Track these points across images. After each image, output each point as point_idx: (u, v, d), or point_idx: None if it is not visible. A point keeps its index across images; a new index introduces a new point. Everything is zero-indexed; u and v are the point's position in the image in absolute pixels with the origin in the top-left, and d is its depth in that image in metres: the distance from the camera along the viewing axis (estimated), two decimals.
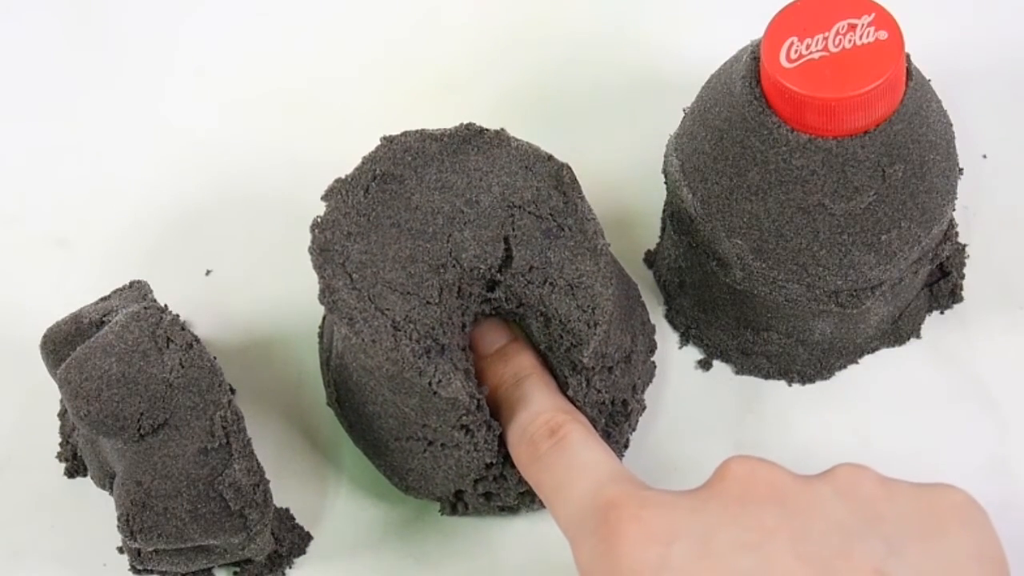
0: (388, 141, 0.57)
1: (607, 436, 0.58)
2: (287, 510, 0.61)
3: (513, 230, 0.56)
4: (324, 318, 0.62)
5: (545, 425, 0.54)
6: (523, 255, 0.55)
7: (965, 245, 0.63)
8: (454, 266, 0.55)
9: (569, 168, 0.57)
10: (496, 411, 0.57)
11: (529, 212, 0.56)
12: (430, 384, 0.53)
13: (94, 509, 0.61)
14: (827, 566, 0.46)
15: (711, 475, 0.50)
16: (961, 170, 0.58)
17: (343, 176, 0.57)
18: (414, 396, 0.55)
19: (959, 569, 0.47)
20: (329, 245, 0.55)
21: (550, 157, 0.57)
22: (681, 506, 0.49)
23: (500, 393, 0.57)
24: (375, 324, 0.54)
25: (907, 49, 0.53)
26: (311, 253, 0.55)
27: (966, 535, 0.48)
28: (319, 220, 0.56)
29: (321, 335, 0.62)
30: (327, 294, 0.55)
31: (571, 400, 0.57)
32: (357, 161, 0.57)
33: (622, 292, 0.59)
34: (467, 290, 0.56)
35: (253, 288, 0.67)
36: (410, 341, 0.54)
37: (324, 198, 0.56)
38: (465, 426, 0.56)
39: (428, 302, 0.54)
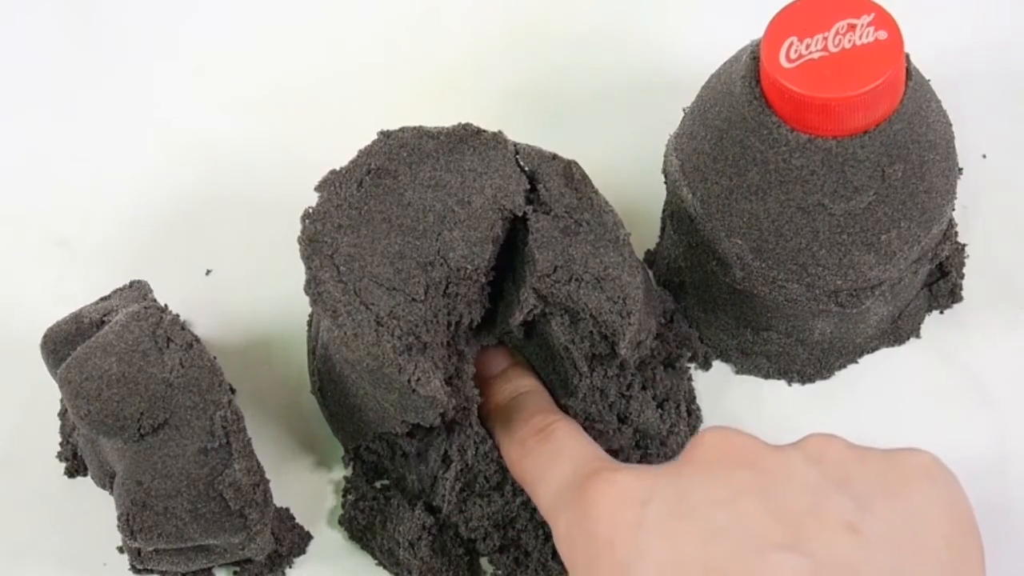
0: (385, 136, 0.57)
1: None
2: (287, 510, 0.61)
3: (531, 234, 0.56)
4: None
5: (535, 426, 0.56)
6: (546, 257, 0.55)
7: (965, 245, 0.63)
8: (441, 265, 0.55)
9: (577, 164, 0.57)
10: (495, 427, 0.58)
11: (543, 212, 0.56)
12: (409, 381, 0.54)
13: (94, 509, 0.61)
14: (798, 523, 0.47)
15: (685, 448, 0.51)
16: (961, 170, 0.58)
17: (338, 168, 0.57)
18: (393, 392, 0.55)
19: (926, 522, 0.48)
20: (318, 236, 0.55)
21: (555, 156, 0.57)
22: (655, 472, 0.50)
23: (500, 408, 0.58)
24: (358, 318, 0.54)
25: (907, 49, 0.53)
26: (300, 243, 0.55)
27: (933, 491, 0.49)
28: (310, 211, 0.56)
29: (310, 324, 0.62)
30: (313, 285, 0.55)
31: (581, 402, 0.58)
32: None
33: (643, 276, 0.59)
34: (454, 290, 0.56)
35: (253, 288, 0.67)
36: (392, 337, 0.54)
37: (317, 189, 0.56)
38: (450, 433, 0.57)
39: (413, 299, 0.54)
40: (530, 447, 0.55)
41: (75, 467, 0.63)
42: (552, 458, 0.53)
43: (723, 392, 0.63)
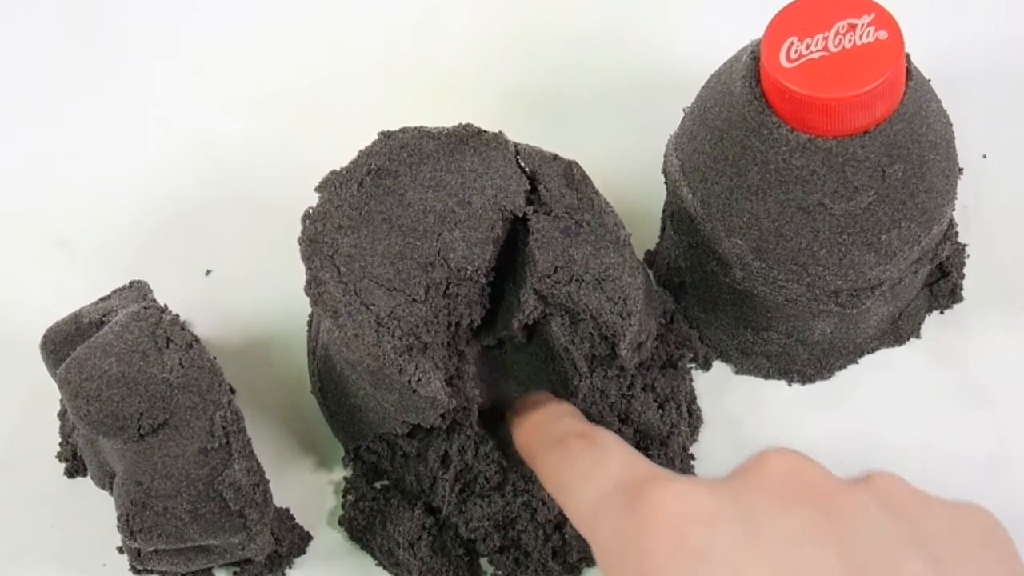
0: (385, 136, 0.57)
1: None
2: (287, 510, 0.61)
3: (532, 234, 0.56)
4: None
5: (578, 430, 0.53)
6: (546, 257, 0.55)
7: (965, 245, 0.63)
8: (442, 265, 0.55)
9: (578, 164, 0.57)
10: (528, 442, 0.56)
11: (544, 213, 0.56)
12: (409, 382, 0.54)
13: (94, 509, 0.61)
14: None
15: (746, 464, 0.48)
16: (961, 170, 0.58)
17: (338, 168, 0.57)
18: (394, 392, 0.55)
19: None
20: (319, 237, 0.55)
21: (556, 156, 0.57)
22: (720, 490, 0.46)
23: (536, 427, 0.55)
24: (359, 319, 0.54)
25: (907, 49, 0.53)
26: (300, 244, 0.55)
27: (995, 557, 0.48)
28: (310, 211, 0.56)
29: (310, 324, 0.62)
30: (313, 286, 0.55)
31: (581, 402, 0.58)
32: None
33: (644, 277, 0.59)
34: (454, 290, 0.56)
35: (253, 288, 0.67)
36: (392, 338, 0.54)
37: (318, 189, 0.56)
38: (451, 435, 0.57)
39: (414, 299, 0.54)
40: (572, 448, 0.51)
41: (75, 467, 0.63)
42: (597, 461, 0.50)
43: (723, 392, 0.63)
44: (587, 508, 0.48)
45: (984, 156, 0.67)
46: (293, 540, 0.60)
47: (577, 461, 0.50)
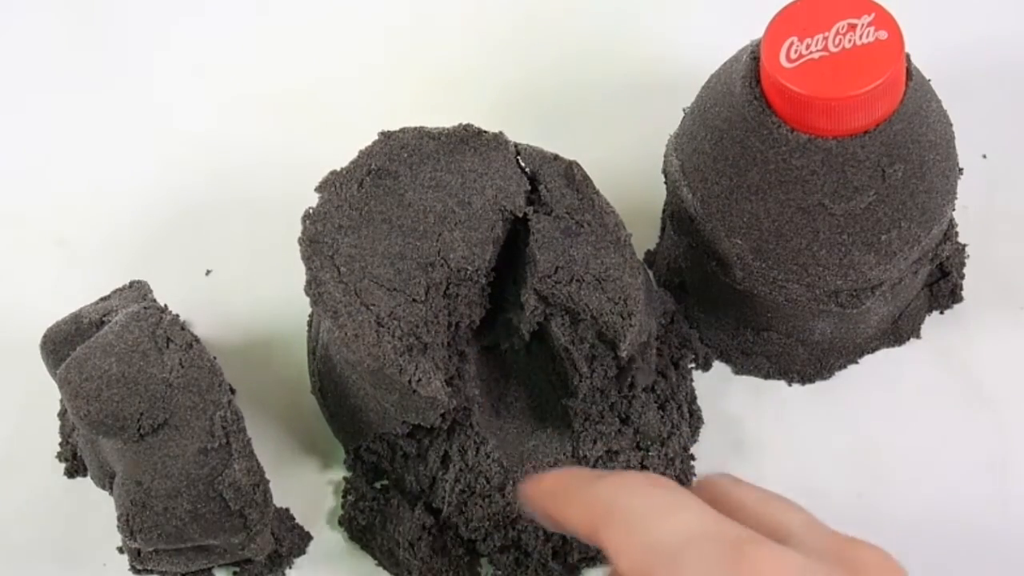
0: (385, 137, 0.57)
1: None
2: (287, 510, 0.61)
3: (532, 235, 0.56)
4: None
5: (636, 472, 0.50)
6: (547, 257, 0.55)
7: (965, 245, 0.63)
8: (442, 265, 0.55)
9: (578, 164, 0.57)
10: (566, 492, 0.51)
11: (544, 213, 0.56)
12: (409, 382, 0.54)
13: (94, 509, 0.61)
14: None
15: (838, 548, 0.46)
16: (961, 170, 0.58)
17: (338, 168, 0.57)
18: (394, 393, 0.55)
19: None
20: (319, 237, 0.55)
21: (556, 156, 0.57)
22: (816, 571, 0.46)
23: (568, 475, 0.52)
24: (359, 319, 0.54)
25: (907, 49, 0.53)
26: (300, 244, 0.55)
27: None
28: (311, 211, 0.56)
29: (310, 324, 0.62)
30: (313, 286, 0.55)
31: (581, 402, 0.57)
32: None
33: (644, 277, 0.59)
34: (454, 291, 0.56)
35: (253, 288, 0.67)
36: (392, 338, 0.54)
37: (318, 189, 0.56)
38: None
39: (414, 300, 0.54)
40: (634, 481, 0.48)
41: (75, 467, 0.63)
42: (672, 499, 0.47)
43: (723, 392, 0.63)
44: (665, 544, 0.46)
45: (984, 156, 0.67)
46: (293, 540, 0.60)
47: (645, 493, 0.48)
